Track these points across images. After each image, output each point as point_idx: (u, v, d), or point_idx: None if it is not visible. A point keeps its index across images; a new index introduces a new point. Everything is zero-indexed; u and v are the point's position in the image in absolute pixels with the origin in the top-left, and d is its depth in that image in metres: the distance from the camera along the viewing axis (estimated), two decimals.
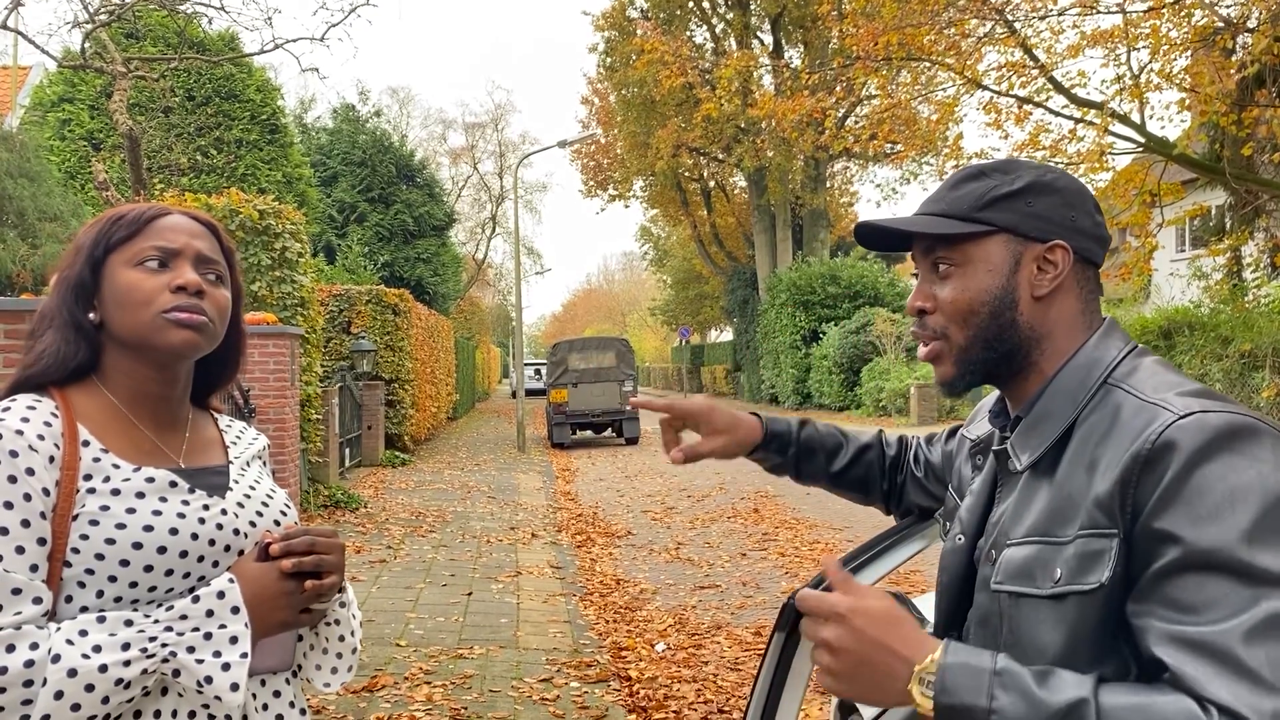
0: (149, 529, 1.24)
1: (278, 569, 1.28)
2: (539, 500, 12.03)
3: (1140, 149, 11.90)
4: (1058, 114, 12.03)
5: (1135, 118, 11.72)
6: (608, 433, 21.02)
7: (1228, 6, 11.00)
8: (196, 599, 1.23)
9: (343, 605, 1.44)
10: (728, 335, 46.76)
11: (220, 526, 1.31)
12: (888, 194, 38.25)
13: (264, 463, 1.53)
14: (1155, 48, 11.33)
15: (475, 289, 44.28)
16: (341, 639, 1.44)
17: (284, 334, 8.55)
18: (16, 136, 11.97)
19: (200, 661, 1.20)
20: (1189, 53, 11.33)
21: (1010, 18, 11.81)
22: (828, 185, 32.21)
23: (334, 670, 1.43)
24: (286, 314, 9.04)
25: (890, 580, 1.63)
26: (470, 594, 6.87)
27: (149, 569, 1.23)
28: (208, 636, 1.22)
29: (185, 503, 1.29)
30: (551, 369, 20.23)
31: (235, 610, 1.24)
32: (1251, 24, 10.72)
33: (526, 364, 35.83)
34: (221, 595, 1.24)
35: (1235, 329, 12.61)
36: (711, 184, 36.97)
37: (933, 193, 1.29)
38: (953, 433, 1.63)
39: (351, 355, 14.75)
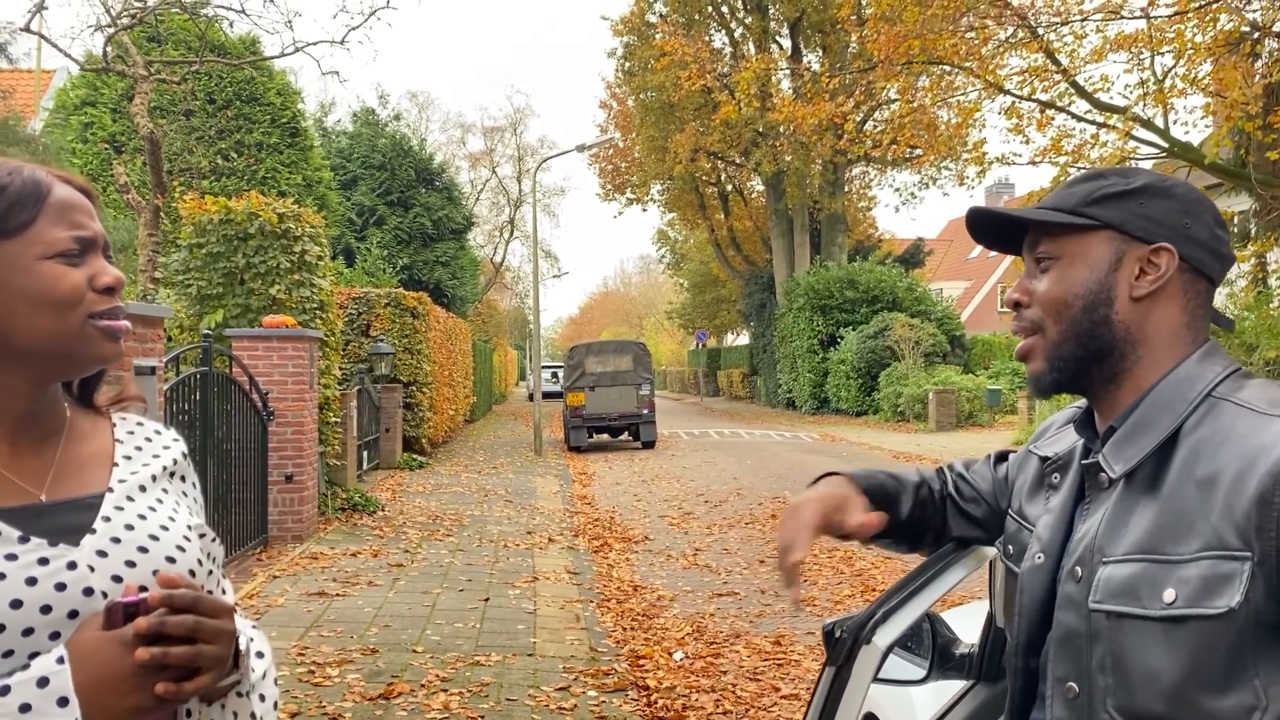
0: None
1: (125, 639, 0.97)
2: (556, 504, 12.01)
3: (1164, 154, 11.80)
4: (1080, 119, 11.95)
5: (1159, 123, 11.62)
6: (624, 436, 21.00)
7: (1253, 10, 10.89)
8: (6, 690, 0.94)
9: (259, 655, 1.16)
10: (744, 339, 46.68)
11: (62, 587, 1.00)
12: (906, 198, 38.06)
13: (175, 476, 1.19)
14: (1180, 52, 11.23)
15: (493, 292, 44.41)
16: (252, 717, 1.12)
17: (303, 337, 8.58)
18: (39, 139, 12.07)
19: None
20: (1214, 58, 11.23)
21: (1033, 23, 11.74)
22: (846, 190, 32.11)
23: None
24: (305, 317, 9.06)
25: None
26: (487, 599, 6.84)
27: None
28: None
29: (11, 558, 0.99)
30: (568, 372, 20.25)
31: (63, 702, 0.95)
32: (1278, 28, 10.60)
33: (544, 367, 35.91)
34: (44, 683, 0.95)
35: (1260, 336, 12.47)
36: (729, 188, 36.95)
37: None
38: (1002, 457, 1.56)
39: (370, 358, 14.79)
